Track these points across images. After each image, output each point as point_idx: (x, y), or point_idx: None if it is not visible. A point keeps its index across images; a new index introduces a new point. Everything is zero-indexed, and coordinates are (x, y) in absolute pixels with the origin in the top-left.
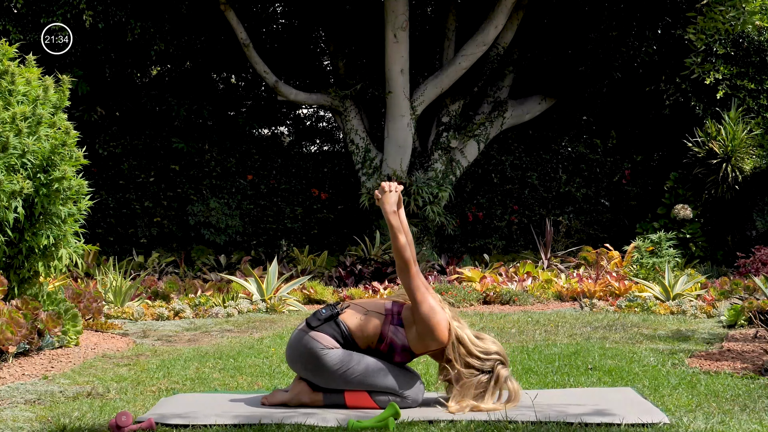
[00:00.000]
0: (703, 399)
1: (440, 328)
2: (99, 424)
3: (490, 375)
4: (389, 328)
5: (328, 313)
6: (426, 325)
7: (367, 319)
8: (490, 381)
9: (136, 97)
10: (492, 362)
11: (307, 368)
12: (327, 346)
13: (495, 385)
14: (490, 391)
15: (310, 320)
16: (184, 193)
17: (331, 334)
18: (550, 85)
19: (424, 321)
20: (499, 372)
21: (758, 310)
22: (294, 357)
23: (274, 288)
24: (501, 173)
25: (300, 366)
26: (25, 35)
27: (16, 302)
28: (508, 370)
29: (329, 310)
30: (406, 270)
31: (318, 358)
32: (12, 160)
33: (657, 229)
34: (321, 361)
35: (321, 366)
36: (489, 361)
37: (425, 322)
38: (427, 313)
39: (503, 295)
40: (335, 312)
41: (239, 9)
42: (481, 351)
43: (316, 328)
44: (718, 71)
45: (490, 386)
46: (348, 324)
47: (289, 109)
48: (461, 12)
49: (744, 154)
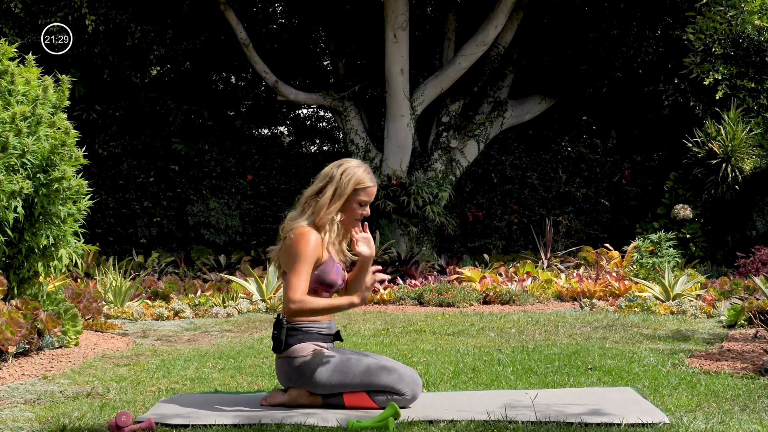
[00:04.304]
0: (703, 399)
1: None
2: (99, 424)
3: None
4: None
5: (278, 329)
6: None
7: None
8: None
9: (135, 97)
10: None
11: (304, 385)
12: (306, 354)
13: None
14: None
15: (274, 349)
16: (183, 193)
17: (298, 340)
18: (550, 85)
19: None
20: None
21: (758, 310)
22: (286, 383)
23: (274, 288)
24: (501, 173)
25: (296, 383)
26: (23, 37)
27: (15, 302)
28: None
29: (277, 327)
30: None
31: (307, 373)
32: (12, 160)
33: (657, 229)
34: (312, 375)
35: (315, 379)
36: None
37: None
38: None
39: (503, 295)
40: (283, 322)
41: (239, 9)
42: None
43: (282, 349)
44: (717, 71)
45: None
46: (298, 320)
47: (288, 109)
48: (461, 12)
49: (744, 154)
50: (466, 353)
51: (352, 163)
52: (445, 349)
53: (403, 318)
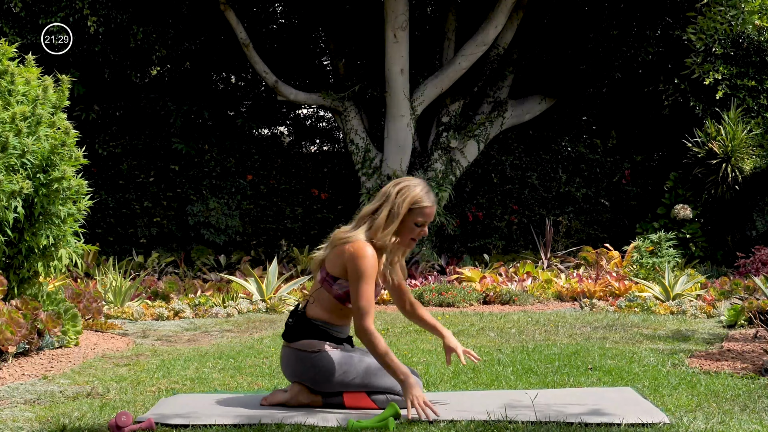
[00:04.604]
0: (703, 399)
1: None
2: (99, 424)
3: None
4: (334, 288)
5: (293, 320)
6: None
7: (320, 298)
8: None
9: (135, 97)
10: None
11: (305, 379)
12: (315, 350)
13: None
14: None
15: (284, 335)
16: (183, 193)
17: (311, 335)
18: (550, 85)
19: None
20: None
21: (758, 310)
22: (290, 373)
23: (273, 288)
24: (501, 173)
25: (299, 379)
26: (24, 37)
27: (15, 302)
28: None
29: (293, 316)
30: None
31: (313, 367)
32: (12, 160)
33: (657, 229)
34: (317, 370)
35: (318, 375)
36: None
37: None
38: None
39: (503, 295)
40: (300, 312)
41: (239, 9)
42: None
43: (293, 338)
44: (717, 71)
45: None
46: (315, 315)
47: (288, 109)
48: (461, 12)
49: (744, 154)
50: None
51: (410, 182)
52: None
53: (404, 318)
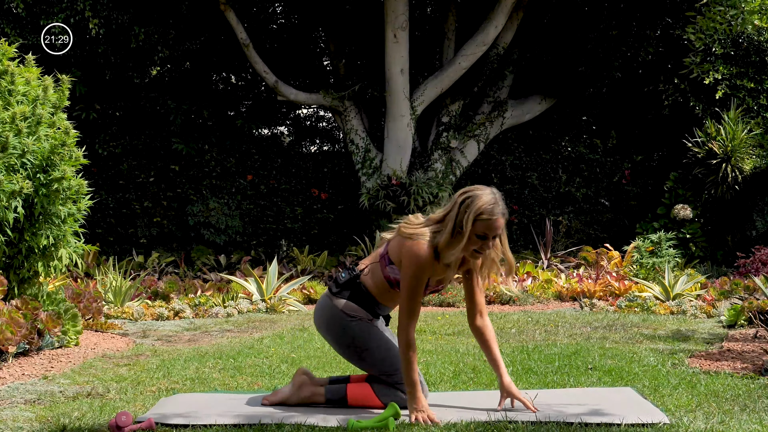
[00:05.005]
0: (703, 399)
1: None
2: (99, 424)
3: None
4: (387, 270)
5: (347, 277)
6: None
7: (374, 271)
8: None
9: (135, 97)
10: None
11: (330, 333)
12: (350, 315)
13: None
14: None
15: (331, 286)
16: (183, 193)
17: (354, 298)
18: (550, 85)
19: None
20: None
21: (758, 310)
22: (320, 322)
23: (274, 288)
24: (501, 173)
25: (324, 330)
26: (25, 37)
27: (16, 302)
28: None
29: (348, 274)
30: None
31: (341, 326)
32: (12, 160)
33: (657, 229)
34: (345, 332)
35: (344, 338)
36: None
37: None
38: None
39: (503, 295)
40: (355, 275)
41: (239, 9)
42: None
43: (337, 293)
44: (717, 71)
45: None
46: (367, 285)
47: (288, 109)
48: (461, 12)
49: (744, 154)
50: (466, 353)
51: (479, 191)
52: (445, 349)
53: None
